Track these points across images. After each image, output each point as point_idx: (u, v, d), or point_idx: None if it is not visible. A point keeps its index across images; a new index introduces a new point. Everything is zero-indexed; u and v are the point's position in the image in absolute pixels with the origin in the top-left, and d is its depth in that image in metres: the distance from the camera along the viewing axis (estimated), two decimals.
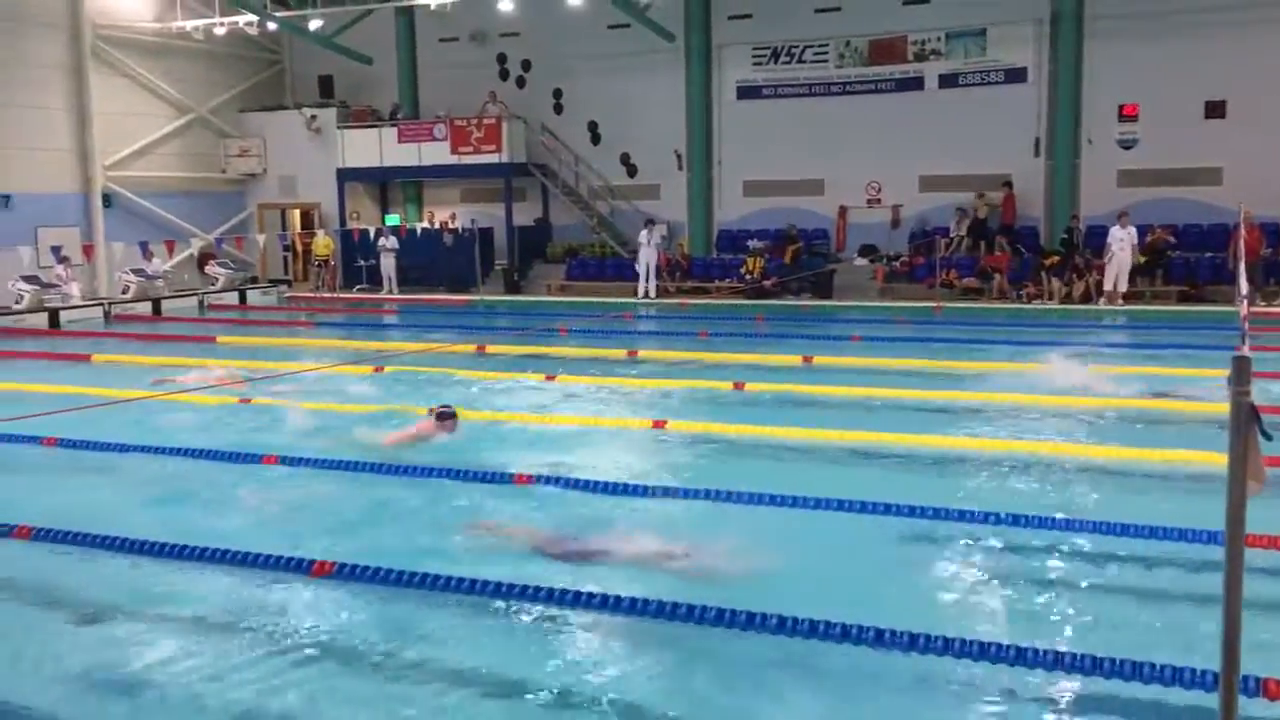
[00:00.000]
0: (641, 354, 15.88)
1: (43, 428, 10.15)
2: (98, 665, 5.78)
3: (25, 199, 23.95)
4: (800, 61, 25.14)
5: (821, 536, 7.45)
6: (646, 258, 23.95)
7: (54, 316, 21.66)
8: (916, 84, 24.23)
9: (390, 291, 25.96)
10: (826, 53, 24.93)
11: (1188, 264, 21.43)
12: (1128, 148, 22.81)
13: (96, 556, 7.35)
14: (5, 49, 23.60)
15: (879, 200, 24.93)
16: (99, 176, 25.57)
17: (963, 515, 7.58)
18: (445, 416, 10.02)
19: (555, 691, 5.35)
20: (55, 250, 22.96)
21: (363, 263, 26.75)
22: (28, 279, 22.00)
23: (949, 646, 5.38)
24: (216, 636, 6.13)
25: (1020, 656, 5.29)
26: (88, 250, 24.23)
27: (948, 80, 23.99)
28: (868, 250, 24.57)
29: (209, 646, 6.01)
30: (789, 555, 6.97)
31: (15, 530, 7.65)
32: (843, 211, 25.07)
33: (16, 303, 21.77)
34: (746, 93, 25.70)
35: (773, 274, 23.53)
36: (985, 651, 5.32)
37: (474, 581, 6.42)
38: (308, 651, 5.90)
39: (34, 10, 24.23)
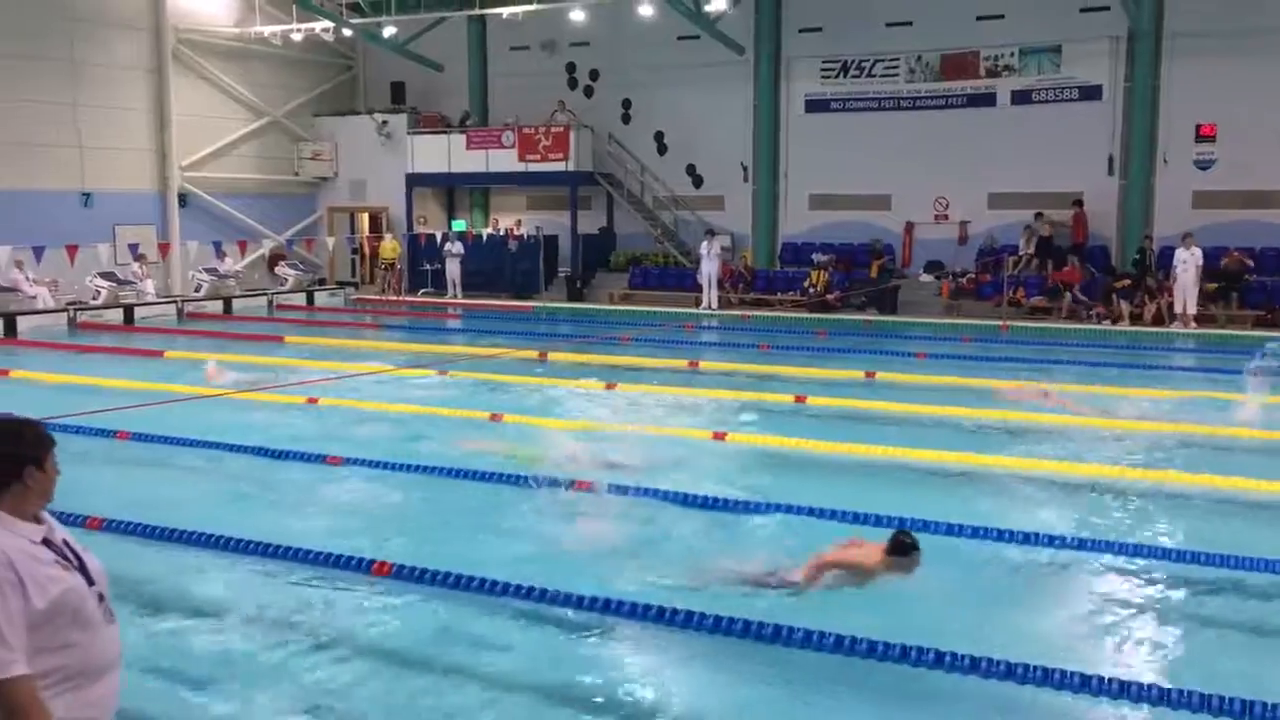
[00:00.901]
0: (702, 365, 15.87)
1: (116, 421, 10.39)
2: (159, 657, 5.88)
3: (105, 197, 24.57)
4: (870, 76, 24.98)
5: None
6: (708, 269, 23.93)
7: (129, 312, 22.17)
8: (988, 100, 23.95)
9: (455, 296, 26.20)
10: (897, 67, 24.73)
11: (1265, 288, 20.91)
12: (1204, 168, 22.33)
13: (162, 549, 7.50)
14: (92, 51, 24.25)
15: (946, 216, 24.67)
16: (176, 176, 26.15)
17: (1028, 538, 7.46)
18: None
19: (609, 703, 5.35)
20: (132, 248, 23.53)
21: (428, 267, 27.03)
22: (105, 275, 22.57)
23: (1011, 671, 5.29)
24: (276, 631, 6.22)
25: (1085, 684, 5.19)
26: (163, 249, 24.79)
27: (1020, 96, 23.67)
28: (933, 266, 24.32)
29: (268, 641, 6.10)
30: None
31: (86, 521, 7.82)
32: (909, 227, 24.85)
33: (94, 298, 22.34)
34: (815, 106, 25.59)
35: (836, 288, 23.38)
36: (1049, 677, 5.23)
37: (531, 588, 6.44)
38: (364, 650, 5.97)
39: (119, 14, 24.87)
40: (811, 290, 23.53)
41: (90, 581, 3.21)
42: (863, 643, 5.53)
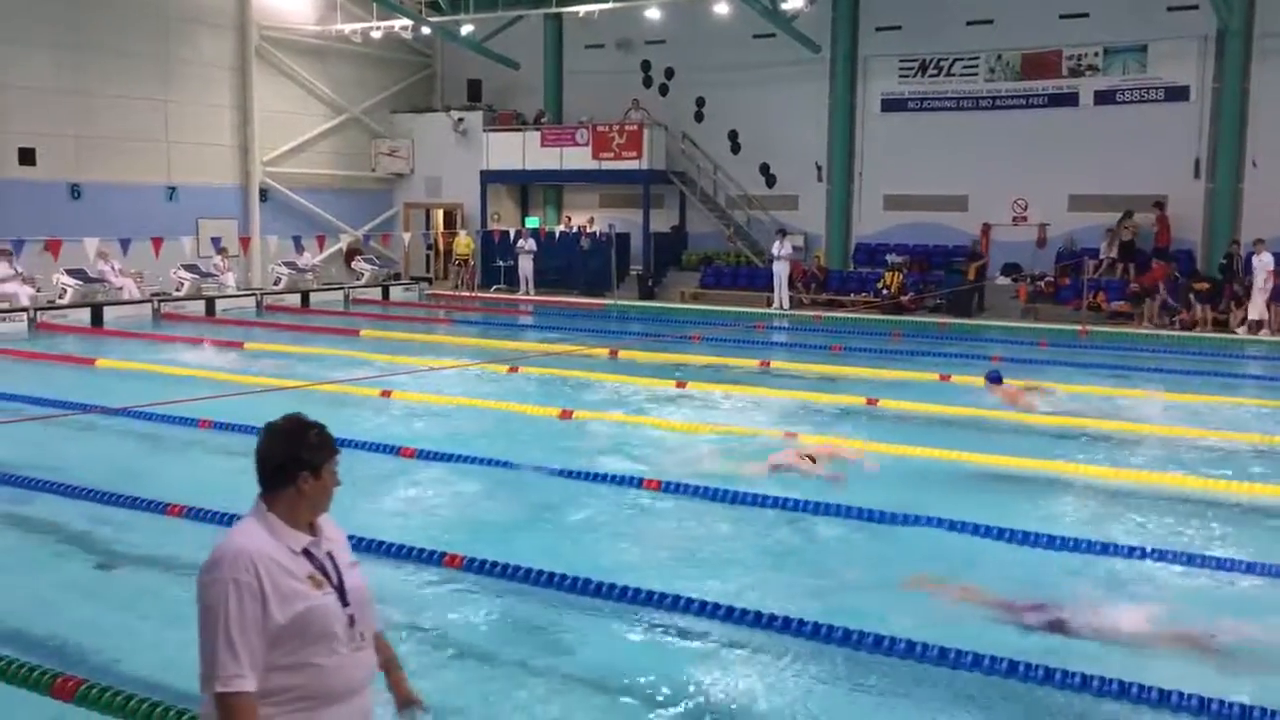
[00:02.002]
0: (774, 365, 15.78)
1: (198, 410, 10.62)
2: None
3: (188, 191, 25.16)
4: (949, 74, 24.65)
5: (986, 568, 7.22)
6: (779, 269, 23.81)
7: (210, 304, 22.67)
8: (1070, 100, 23.50)
9: (527, 292, 26.38)
10: (976, 66, 24.38)
11: None
12: None
13: None
14: (181, 49, 24.85)
15: (1025, 218, 24.24)
16: (257, 171, 26.68)
17: (1107, 549, 7.31)
18: (809, 456, 9.28)
19: (677, 703, 5.35)
20: (215, 241, 24.05)
21: (501, 263, 27.25)
22: (188, 268, 23.11)
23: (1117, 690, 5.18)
24: None
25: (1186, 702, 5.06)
26: (244, 242, 25.30)
27: (1104, 97, 23.18)
28: (1011, 269, 23.93)
29: None
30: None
31: (168, 508, 8.02)
32: (986, 229, 24.45)
33: (177, 290, 22.88)
34: (891, 105, 25.32)
35: (910, 289, 23.11)
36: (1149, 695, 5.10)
37: (600, 584, 6.46)
38: (433, 642, 6.03)
39: (207, 13, 25.45)
40: (885, 292, 23.29)
41: (345, 603, 3.05)
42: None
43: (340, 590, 3.05)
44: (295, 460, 3.08)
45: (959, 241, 24.59)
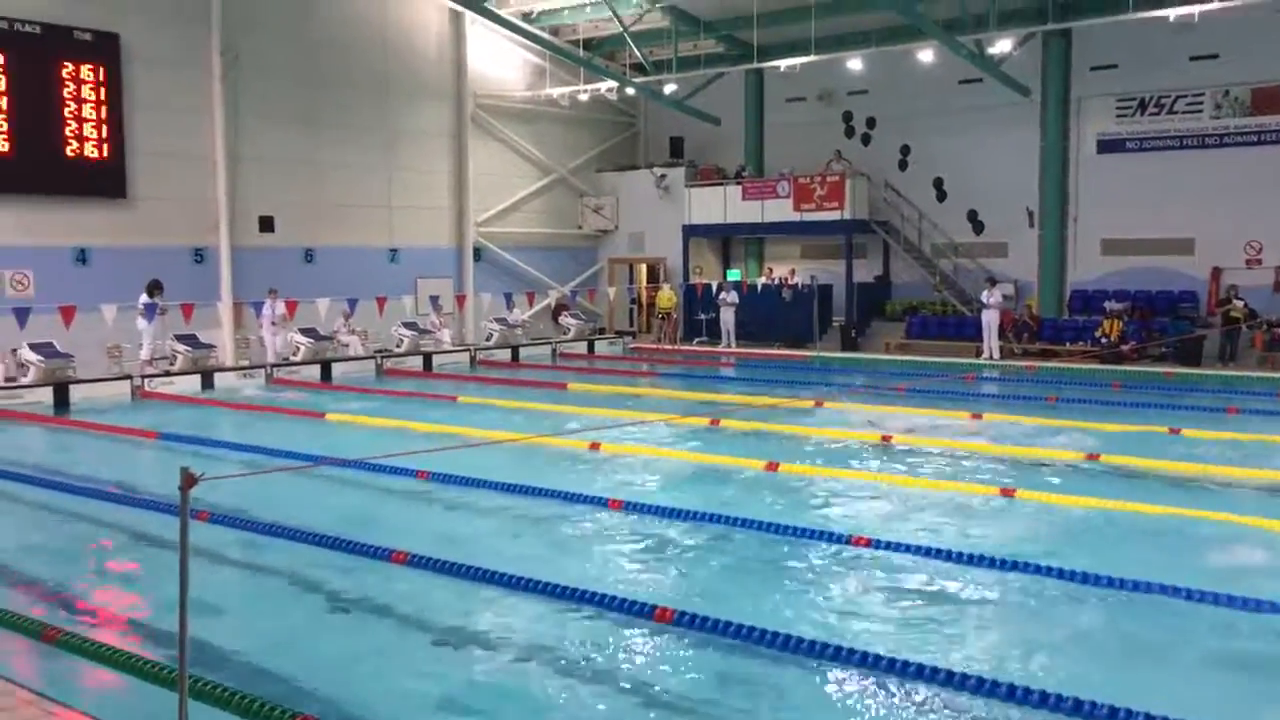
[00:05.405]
0: (985, 417, 15.25)
1: (417, 462, 11.10)
2: (448, 684, 6.19)
3: (409, 252, 26.53)
4: (1170, 113, 23.45)
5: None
6: (989, 317, 23.07)
7: (428, 360, 23.75)
8: None
9: (729, 345, 26.46)
10: (1201, 103, 23.11)
11: None
12: None
13: (456, 583, 7.91)
14: (402, 119, 26.32)
15: (1259, 261, 22.70)
16: (471, 232, 27.89)
17: None
18: None
19: None
20: (433, 299, 25.22)
21: (703, 316, 27.47)
22: (408, 325, 24.33)
23: None
24: (557, 668, 6.39)
25: None
26: (460, 300, 26.44)
27: None
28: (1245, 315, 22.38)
29: (549, 677, 6.28)
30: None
31: (393, 555, 8.39)
32: (1215, 273, 23.03)
33: (397, 346, 24.10)
34: (1108, 146, 24.27)
35: (1132, 338, 21.93)
36: None
37: (813, 643, 6.35)
38: (642, 693, 6.04)
39: (426, 85, 26.91)
40: (1104, 340, 22.19)
41: None
42: None
43: None
44: None
45: (1184, 286, 23.23)
